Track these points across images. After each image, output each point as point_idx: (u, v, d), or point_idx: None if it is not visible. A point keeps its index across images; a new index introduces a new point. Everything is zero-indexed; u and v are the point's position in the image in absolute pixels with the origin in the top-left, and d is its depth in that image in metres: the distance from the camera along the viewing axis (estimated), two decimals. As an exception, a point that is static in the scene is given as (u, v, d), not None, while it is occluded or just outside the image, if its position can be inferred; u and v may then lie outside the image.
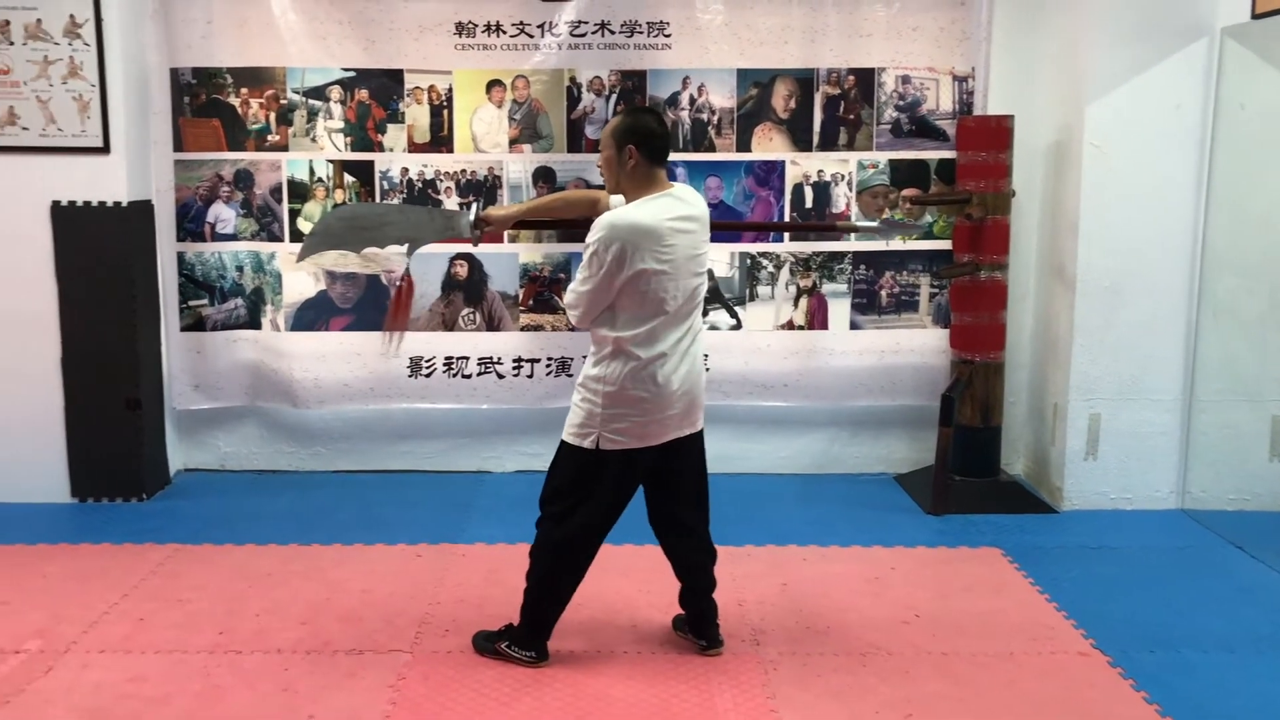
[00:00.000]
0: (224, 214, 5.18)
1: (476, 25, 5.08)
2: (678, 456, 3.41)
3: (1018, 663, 3.50)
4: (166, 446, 5.24)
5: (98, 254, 4.83)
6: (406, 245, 3.85)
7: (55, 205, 4.80)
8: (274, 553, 4.36)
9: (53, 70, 4.74)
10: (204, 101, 5.10)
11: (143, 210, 4.99)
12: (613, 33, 5.10)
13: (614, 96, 5.13)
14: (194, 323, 5.24)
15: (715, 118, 5.17)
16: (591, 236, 3.23)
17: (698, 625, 3.57)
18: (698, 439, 3.49)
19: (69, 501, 4.97)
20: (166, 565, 4.23)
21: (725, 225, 5.04)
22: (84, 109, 4.77)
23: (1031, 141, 5.14)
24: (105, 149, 4.79)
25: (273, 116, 5.12)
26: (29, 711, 3.15)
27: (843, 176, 5.21)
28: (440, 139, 5.16)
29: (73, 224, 4.81)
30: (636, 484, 3.42)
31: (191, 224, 5.17)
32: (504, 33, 5.09)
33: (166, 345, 5.22)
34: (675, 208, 3.24)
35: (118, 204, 4.82)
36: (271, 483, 5.31)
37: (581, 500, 3.36)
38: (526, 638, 3.45)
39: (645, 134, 3.26)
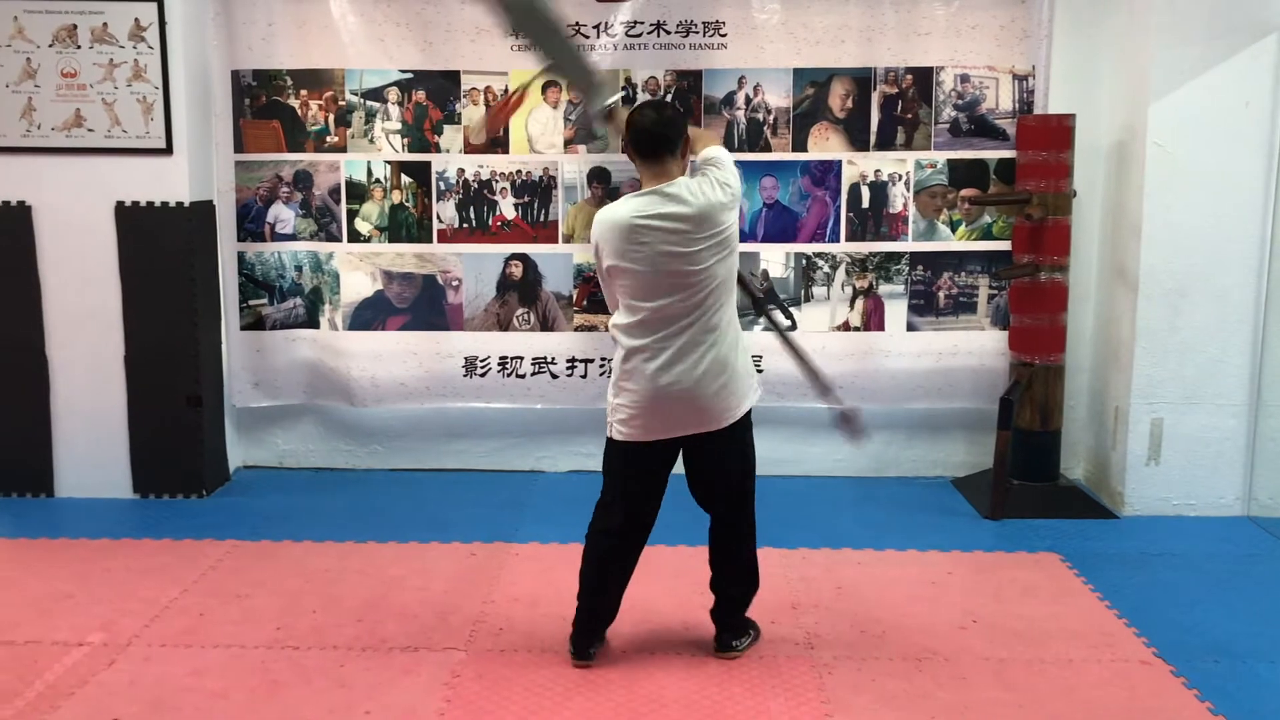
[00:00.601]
0: (283, 214, 5.24)
1: (533, 26, 5.09)
2: (698, 454, 3.40)
3: (1077, 670, 3.44)
4: (226, 443, 5.31)
5: (160, 253, 4.91)
6: (549, 62, 3.64)
7: (120, 205, 4.89)
8: (331, 550, 4.40)
9: (118, 73, 4.83)
10: (264, 103, 5.17)
11: (204, 210, 5.07)
12: (668, 33, 5.09)
13: (669, 97, 5.12)
14: (254, 321, 5.31)
15: (771, 117, 5.14)
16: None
17: (715, 621, 3.58)
18: (725, 440, 3.40)
19: (131, 497, 5.05)
20: (226, 561, 4.29)
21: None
22: (148, 111, 4.85)
23: (1093, 141, 5.06)
24: (168, 150, 4.87)
25: (331, 118, 5.18)
26: (93, 703, 3.21)
27: (900, 176, 5.16)
28: (496, 140, 5.18)
29: (136, 224, 4.89)
30: (648, 478, 3.40)
31: (252, 224, 5.24)
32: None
33: (227, 343, 5.29)
34: (655, 205, 3.20)
35: (180, 204, 4.90)
36: (329, 480, 5.37)
37: (615, 490, 3.42)
38: (575, 629, 3.47)
39: (629, 129, 3.28)
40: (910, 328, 5.25)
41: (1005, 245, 5.14)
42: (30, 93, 4.83)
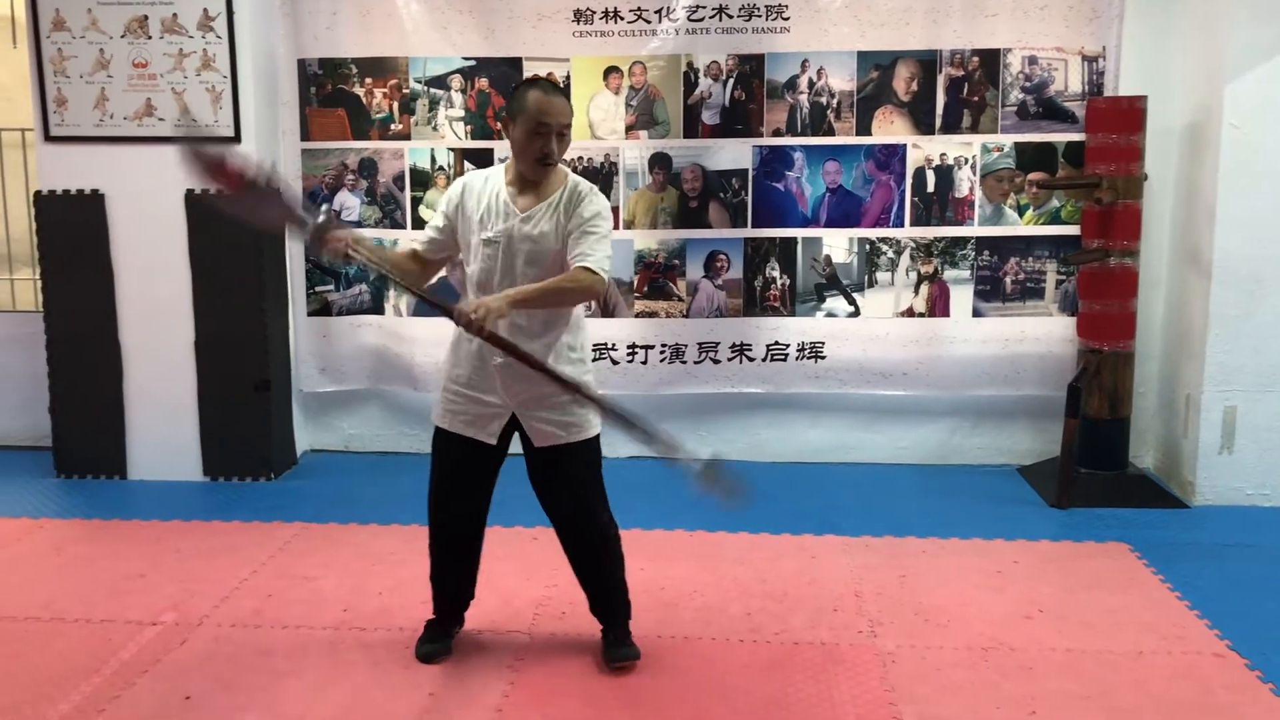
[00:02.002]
0: (349, 202, 5.30)
1: (594, 12, 5.09)
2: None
3: (1148, 662, 3.38)
4: (294, 428, 5.39)
5: (229, 241, 4.97)
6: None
7: (190, 194, 4.97)
8: (396, 533, 4.45)
9: (187, 63, 4.91)
10: (330, 91, 5.22)
11: (271, 198, 5.13)
12: (730, 16, 5.06)
13: (731, 81, 5.09)
14: (320, 308, 5.38)
15: (835, 101, 5.09)
16: (597, 202, 3.18)
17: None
18: None
19: (201, 480, 5.15)
20: (293, 543, 4.35)
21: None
22: (216, 100, 4.92)
23: (1165, 123, 4.95)
24: (237, 138, 4.94)
25: (395, 106, 5.22)
26: (166, 681, 3.27)
27: (966, 160, 5.09)
28: (558, 126, 5.18)
29: (206, 212, 4.97)
30: None
31: (318, 211, 5.30)
32: (621, 19, 5.09)
33: (294, 329, 5.36)
34: None
35: (248, 192, 4.96)
36: (393, 464, 5.42)
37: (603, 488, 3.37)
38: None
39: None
40: (976, 314, 5.18)
41: (1074, 230, 5.06)
42: (103, 83, 4.92)
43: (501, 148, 5.18)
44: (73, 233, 5.01)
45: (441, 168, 5.24)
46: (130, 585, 3.95)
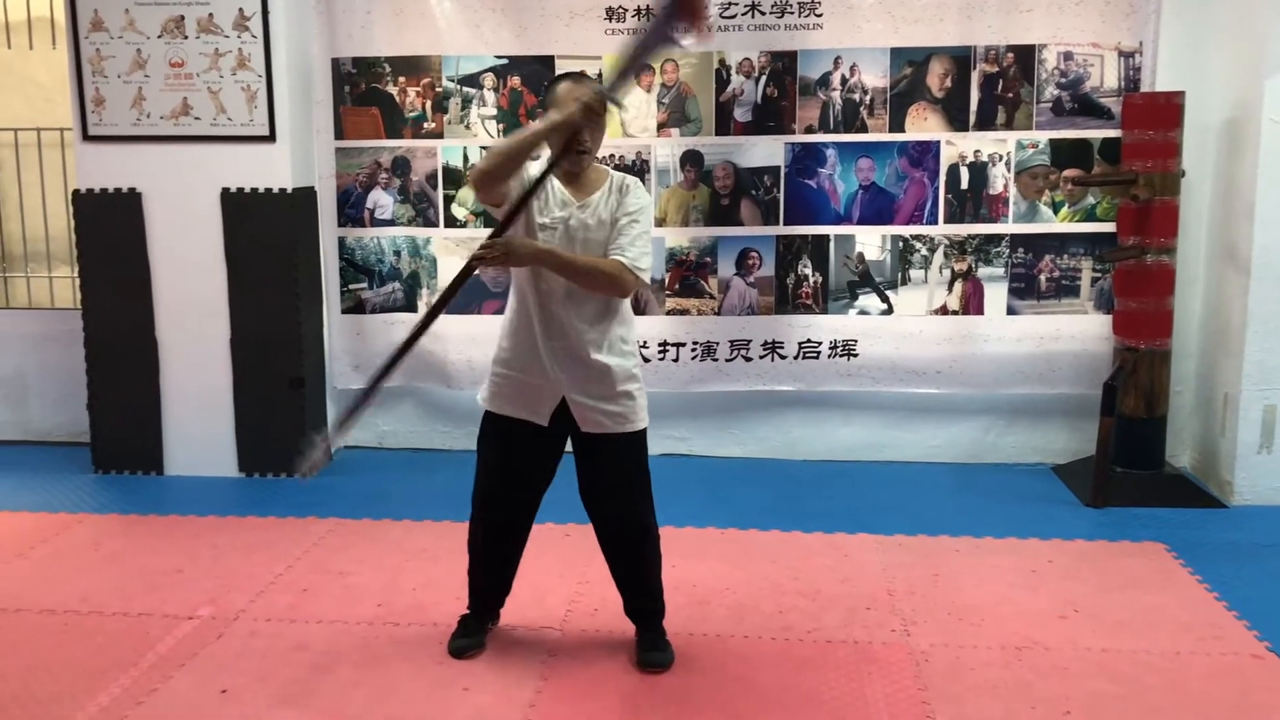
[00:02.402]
0: (382, 200, 5.33)
1: (626, 10, 5.10)
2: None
3: (1185, 663, 3.35)
4: (328, 424, 5.42)
5: (264, 239, 5.02)
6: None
7: (225, 192, 5.01)
8: (429, 529, 4.47)
9: (223, 62, 4.95)
10: (363, 90, 5.25)
11: (306, 197, 5.17)
12: (763, 13, 5.05)
13: (763, 78, 5.08)
14: (354, 305, 5.41)
15: (868, 98, 5.07)
16: (642, 196, 3.22)
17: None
18: None
19: (237, 476, 5.19)
20: (327, 539, 4.38)
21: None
22: (251, 99, 4.96)
23: (1203, 118, 4.89)
24: (271, 138, 4.98)
25: (429, 104, 5.24)
26: (202, 675, 3.30)
27: (1001, 157, 5.06)
28: (590, 124, 5.19)
29: (241, 210, 5.01)
30: None
31: (352, 210, 5.34)
32: (654, 16, 5.08)
33: (328, 327, 5.40)
34: None
35: (283, 190, 5.00)
36: (427, 461, 5.45)
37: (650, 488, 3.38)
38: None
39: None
40: (1010, 311, 5.15)
41: (1109, 227, 5.01)
42: (140, 83, 4.98)
43: (534, 146, 5.19)
44: (110, 231, 5.06)
45: (474, 165, 5.25)
46: (167, 580, 3.99)
